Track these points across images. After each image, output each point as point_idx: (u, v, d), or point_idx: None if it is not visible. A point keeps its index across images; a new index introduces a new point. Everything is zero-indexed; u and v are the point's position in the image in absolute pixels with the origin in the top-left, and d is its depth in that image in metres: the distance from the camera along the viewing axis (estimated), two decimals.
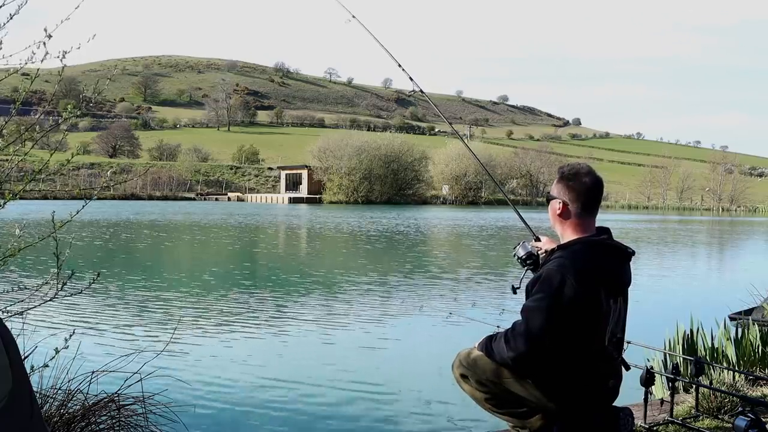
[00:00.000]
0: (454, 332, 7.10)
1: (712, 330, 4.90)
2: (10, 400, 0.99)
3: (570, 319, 2.44)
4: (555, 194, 2.65)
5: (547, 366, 2.51)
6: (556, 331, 2.44)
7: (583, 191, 2.59)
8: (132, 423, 3.17)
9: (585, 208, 2.60)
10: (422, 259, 16.25)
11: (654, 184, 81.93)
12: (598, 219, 2.69)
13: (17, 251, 2.84)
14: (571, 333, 2.47)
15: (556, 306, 2.43)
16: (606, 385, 2.59)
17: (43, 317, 6.70)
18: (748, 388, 3.92)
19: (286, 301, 9.70)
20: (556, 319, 2.43)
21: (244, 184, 76.77)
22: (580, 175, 2.60)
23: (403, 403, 4.99)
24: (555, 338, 2.45)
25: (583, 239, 2.59)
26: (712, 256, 20.73)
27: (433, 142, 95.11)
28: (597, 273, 2.51)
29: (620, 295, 2.59)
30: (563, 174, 2.64)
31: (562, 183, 2.63)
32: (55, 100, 3.32)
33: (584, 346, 2.51)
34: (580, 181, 2.60)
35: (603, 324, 2.52)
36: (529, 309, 2.48)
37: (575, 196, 2.59)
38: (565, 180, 2.62)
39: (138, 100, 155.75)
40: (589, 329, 2.49)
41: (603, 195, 2.70)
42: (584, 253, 2.54)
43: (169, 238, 21.67)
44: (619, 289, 2.59)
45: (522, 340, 2.45)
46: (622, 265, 2.63)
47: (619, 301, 2.58)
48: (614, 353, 2.61)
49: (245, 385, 5.31)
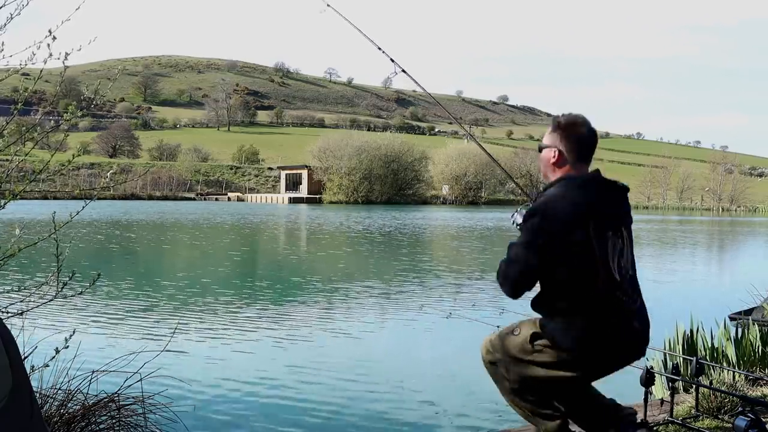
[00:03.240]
0: (454, 332, 7.11)
1: (712, 330, 4.90)
2: (10, 400, 1.00)
3: (556, 252, 2.42)
4: (549, 143, 2.62)
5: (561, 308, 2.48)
6: (543, 264, 2.44)
7: (579, 140, 2.58)
8: (132, 423, 3.17)
9: (580, 158, 2.59)
10: (422, 259, 16.24)
11: (654, 184, 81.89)
12: None
13: (17, 251, 2.84)
14: (564, 267, 2.44)
15: (539, 240, 2.44)
16: (631, 326, 2.50)
17: (43, 317, 6.70)
18: (748, 388, 3.92)
19: (285, 300, 9.70)
20: (539, 253, 2.43)
21: (244, 184, 76.79)
22: (577, 125, 2.59)
23: (403, 403, 4.99)
24: (548, 275, 2.46)
25: (569, 175, 2.57)
26: (712, 256, 20.72)
27: (433, 142, 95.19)
28: (583, 206, 2.47)
29: (618, 229, 2.52)
30: (559, 124, 2.61)
31: (558, 132, 2.60)
32: (55, 100, 3.32)
33: (587, 282, 2.44)
34: (576, 131, 2.59)
35: (601, 258, 2.44)
36: (511, 245, 2.53)
37: (571, 146, 2.58)
38: (561, 129, 2.60)
39: (138, 100, 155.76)
40: (584, 263, 2.44)
41: None
42: (569, 189, 2.51)
43: (169, 238, 21.67)
44: (614, 222, 2.52)
45: (507, 271, 2.51)
46: (615, 199, 2.59)
47: (619, 235, 2.51)
48: (630, 290, 2.51)
49: (245, 384, 5.31)
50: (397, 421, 4.61)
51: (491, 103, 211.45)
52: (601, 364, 2.52)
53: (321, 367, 5.95)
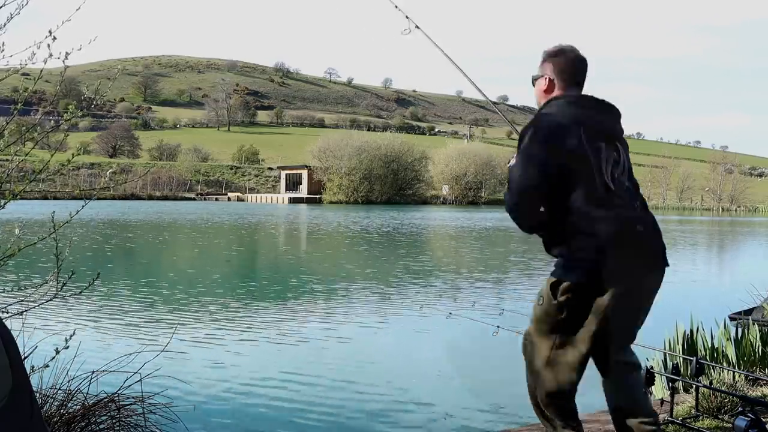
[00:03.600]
0: (454, 332, 7.10)
1: (712, 330, 4.90)
2: (10, 400, 0.99)
3: (554, 166, 2.42)
4: (540, 73, 2.66)
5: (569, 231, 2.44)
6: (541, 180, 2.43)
7: (568, 65, 2.62)
8: (132, 423, 3.17)
9: (571, 82, 2.62)
10: (422, 259, 16.24)
11: (654, 184, 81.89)
12: None
13: (17, 251, 2.84)
14: (563, 180, 2.43)
15: (534, 151, 2.45)
16: (634, 229, 2.47)
17: (43, 317, 6.70)
18: (748, 388, 3.92)
19: (285, 301, 9.70)
20: (538, 166, 2.43)
21: (244, 184, 76.80)
22: (566, 52, 2.64)
23: (403, 403, 4.99)
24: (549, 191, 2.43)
25: (560, 95, 2.59)
26: (712, 256, 20.72)
27: (433, 142, 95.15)
28: (574, 117, 2.49)
29: (611, 141, 2.52)
30: (548, 53, 2.66)
31: (548, 61, 2.65)
32: (55, 100, 3.32)
33: (586, 189, 2.42)
34: (565, 57, 2.63)
35: (595, 165, 2.44)
36: (511, 168, 2.54)
37: (561, 71, 2.62)
38: (550, 57, 2.65)
39: (138, 100, 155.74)
40: (581, 173, 2.43)
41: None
42: (560, 106, 2.54)
43: (169, 239, 21.67)
44: (607, 134, 2.53)
45: (509, 195, 2.53)
46: (607, 116, 2.60)
47: (614, 148, 2.52)
48: (626, 198, 2.50)
49: (245, 384, 5.31)
50: (396, 420, 4.61)
51: (491, 103, 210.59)
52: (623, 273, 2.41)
53: (320, 367, 5.95)
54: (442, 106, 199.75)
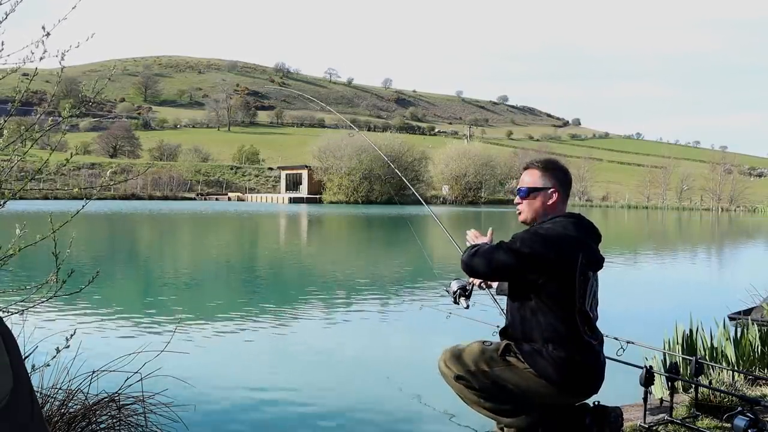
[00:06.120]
0: (454, 332, 7.10)
1: (712, 330, 4.90)
2: (10, 400, 1.00)
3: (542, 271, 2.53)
4: (548, 185, 2.75)
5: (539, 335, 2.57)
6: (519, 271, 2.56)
7: (568, 179, 2.80)
8: (132, 423, 3.17)
9: (566, 198, 2.80)
10: (422, 259, 16.23)
11: (653, 184, 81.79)
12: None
13: (17, 250, 2.84)
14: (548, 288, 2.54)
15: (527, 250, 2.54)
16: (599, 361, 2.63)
17: (44, 317, 6.70)
18: (748, 388, 3.92)
19: (285, 300, 9.70)
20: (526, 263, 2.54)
21: (245, 184, 76.76)
22: (564, 167, 2.84)
23: (402, 402, 4.99)
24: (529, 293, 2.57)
25: (565, 213, 2.74)
26: (711, 256, 20.71)
27: (433, 142, 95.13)
28: (579, 241, 2.60)
29: (596, 271, 2.67)
30: (556, 166, 2.80)
31: (553, 174, 2.76)
32: (55, 100, 3.32)
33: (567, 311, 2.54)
34: (565, 173, 2.81)
35: (579, 292, 2.56)
36: (501, 242, 2.66)
37: (565, 188, 2.78)
38: (557, 171, 2.78)
39: (138, 101, 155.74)
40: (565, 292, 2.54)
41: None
42: (568, 224, 2.65)
43: (169, 238, 21.67)
44: (596, 264, 2.66)
45: (484, 263, 2.65)
46: (596, 242, 2.74)
47: (595, 277, 2.67)
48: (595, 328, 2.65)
49: (245, 384, 5.31)
50: (395, 420, 4.61)
51: (491, 103, 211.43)
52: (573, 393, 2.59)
53: (321, 366, 5.96)
54: (442, 106, 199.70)
